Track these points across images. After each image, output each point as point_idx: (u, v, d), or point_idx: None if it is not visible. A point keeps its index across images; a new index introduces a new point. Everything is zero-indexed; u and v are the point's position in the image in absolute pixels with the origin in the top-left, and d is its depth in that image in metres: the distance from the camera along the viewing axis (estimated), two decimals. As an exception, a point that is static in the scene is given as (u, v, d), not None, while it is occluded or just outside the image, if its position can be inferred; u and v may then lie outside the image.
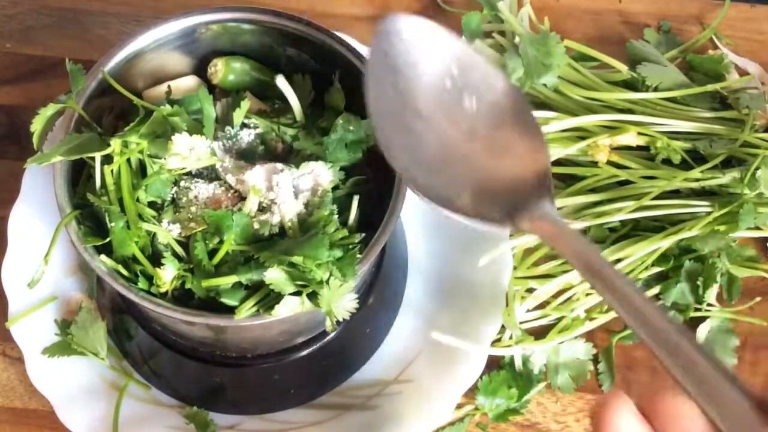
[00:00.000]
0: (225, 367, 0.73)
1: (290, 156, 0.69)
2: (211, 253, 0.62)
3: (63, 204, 0.63)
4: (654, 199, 0.80)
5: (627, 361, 0.82)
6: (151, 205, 0.65)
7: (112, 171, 0.64)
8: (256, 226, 0.62)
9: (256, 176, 0.64)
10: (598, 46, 0.87)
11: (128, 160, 0.64)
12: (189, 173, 0.67)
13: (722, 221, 0.80)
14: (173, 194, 0.66)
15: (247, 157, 0.68)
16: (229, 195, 0.65)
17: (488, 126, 0.51)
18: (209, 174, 0.67)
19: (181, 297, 0.64)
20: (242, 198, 0.65)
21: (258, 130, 0.69)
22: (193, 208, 0.64)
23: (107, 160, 0.64)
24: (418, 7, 0.95)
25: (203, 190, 0.65)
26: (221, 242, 0.62)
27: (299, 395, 0.76)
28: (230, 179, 0.66)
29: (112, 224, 0.62)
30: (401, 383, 0.77)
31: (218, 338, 0.70)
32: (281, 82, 0.68)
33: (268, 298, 0.61)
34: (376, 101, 0.51)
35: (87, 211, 0.65)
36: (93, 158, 0.64)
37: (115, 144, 0.64)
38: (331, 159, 0.67)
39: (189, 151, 0.64)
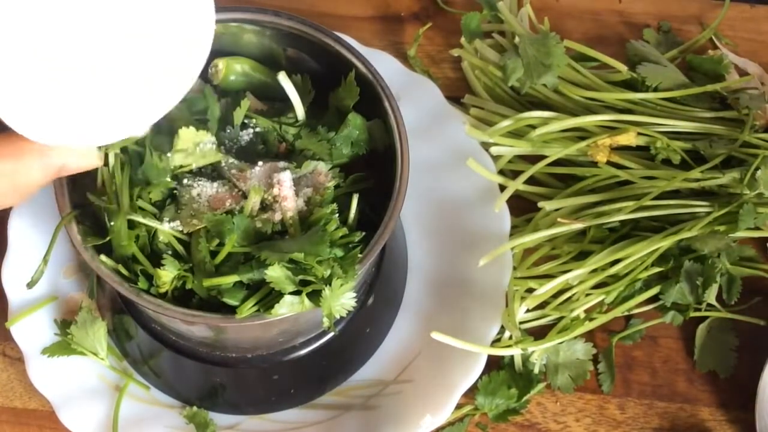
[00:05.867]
0: (225, 367, 0.73)
1: (292, 155, 0.69)
2: (213, 254, 0.62)
3: (62, 204, 0.63)
4: (654, 199, 0.80)
5: (627, 361, 0.82)
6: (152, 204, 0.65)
7: (109, 167, 0.64)
8: (258, 224, 0.63)
9: (257, 175, 0.65)
10: (598, 46, 0.87)
11: (128, 156, 0.64)
12: (191, 171, 0.66)
13: (722, 221, 0.80)
14: (175, 190, 0.66)
15: (247, 156, 0.68)
16: (233, 194, 0.65)
17: None
18: (211, 173, 0.67)
19: (181, 297, 0.64)
20: (246, 196, 0.65)
21: (258, 129, 0.69)
22: (195, 205, 0.64)
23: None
24: (418, 8, 0.95)
25: (206, 188, 0.65)
26: (222, 244, 0.62)
27: (299, 395, 0.76)
28: (234, 178, 0.65)
29: (111, 223, 0.62)
30: (401, 383, 0.77)
31: (218, 338, 0.70)
32: (283, 78, 0.68)
33: (269, 298, 0.61)
34: None
35: (86, 210, 0.65)
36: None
37: None
38: (337, 155, 0.68)
39: (194, 146, 0.64)
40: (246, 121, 0.69)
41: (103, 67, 0.52)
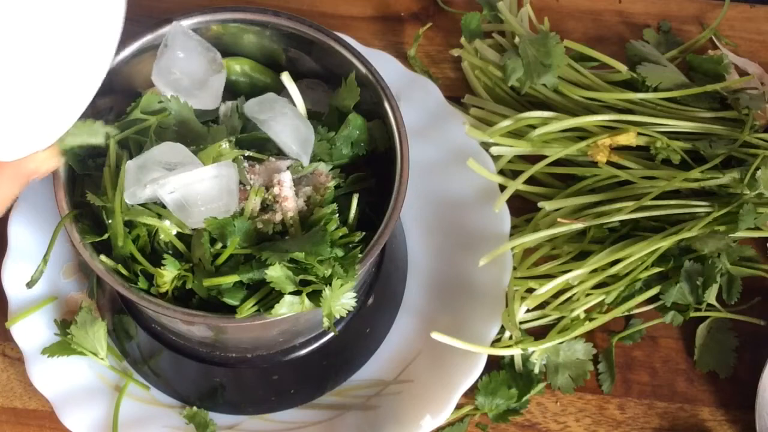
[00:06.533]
0: (225, 367, 0.73)
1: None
2: (214, 255, 0.62)
3: (62, 204, 0.63)
4: (654, 199, 0.80)
5: (627, 361, 0.82)
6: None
7: (109, 165, 0.64)
8: (259, 225, 0.63)
9: (258, 175, 0.65)
10: (598, 46, 0.87)
11: (128, 152, 0.64)
12: None
13: (722, 221, 0.80)
14: None
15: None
16: (241, 189, 0.65)
17: None
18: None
19: (181, 297, 0.64)
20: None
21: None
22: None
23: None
24: (418, 8, 0.95)
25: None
26: (224, 246, 0.62)
27: (299, 395, 0.76)
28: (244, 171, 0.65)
29: (109, 221, 0.62)
30: (401, 383, 0.77)
31: (218, 338, 0.70)
32: (286, 79, 0.68)
33: (269, 298, 0.61)
34: None
35: (86, 210, 0.65)
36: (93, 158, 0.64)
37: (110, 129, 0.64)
38: (337, 155, 0.68)
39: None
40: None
41: (29, 70, 0.54)
